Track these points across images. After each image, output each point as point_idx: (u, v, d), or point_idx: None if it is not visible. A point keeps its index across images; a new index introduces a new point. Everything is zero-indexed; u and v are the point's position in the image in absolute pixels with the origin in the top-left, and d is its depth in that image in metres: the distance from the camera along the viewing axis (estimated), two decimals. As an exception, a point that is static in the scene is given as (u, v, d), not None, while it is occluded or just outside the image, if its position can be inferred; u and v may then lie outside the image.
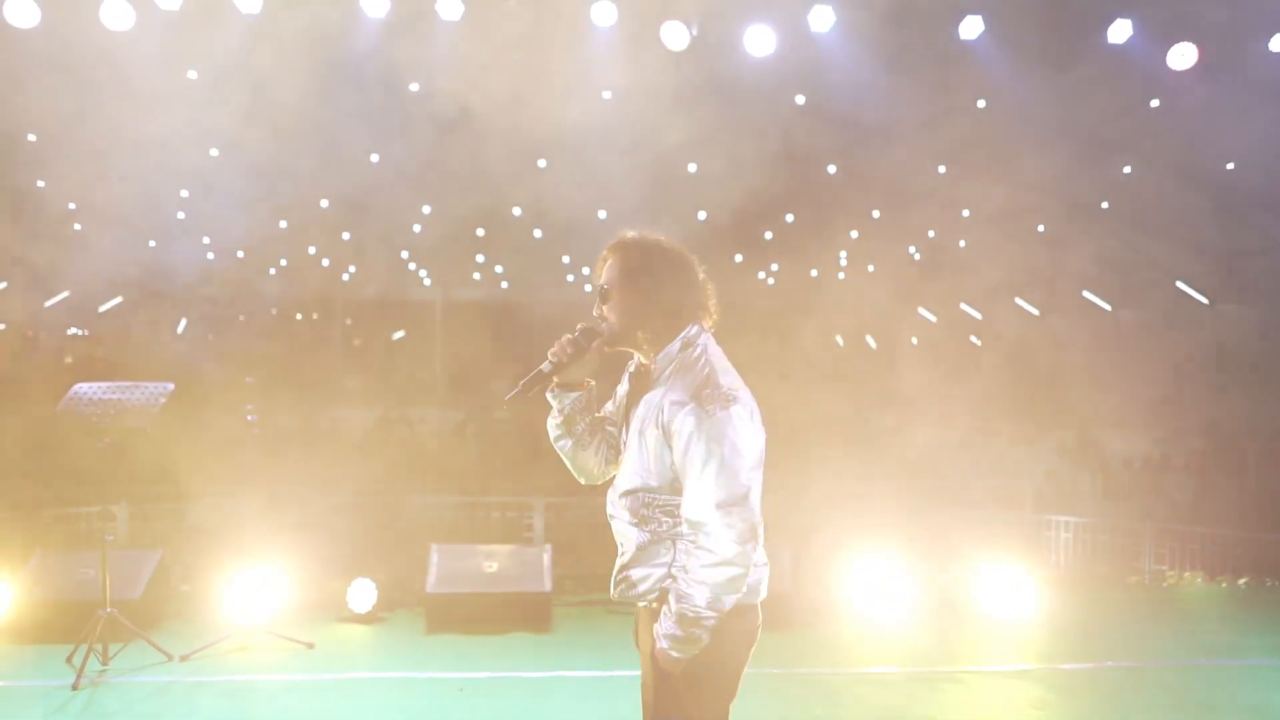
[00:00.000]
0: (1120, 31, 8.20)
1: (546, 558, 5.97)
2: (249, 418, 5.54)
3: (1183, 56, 8.29)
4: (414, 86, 11.87)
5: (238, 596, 5.63)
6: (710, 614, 2.28)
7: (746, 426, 2.33)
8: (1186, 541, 7.19)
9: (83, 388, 4.99)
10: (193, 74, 10.87)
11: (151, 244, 20.78)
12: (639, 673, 2.63)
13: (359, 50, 9.99)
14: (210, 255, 20.42)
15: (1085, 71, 9.62)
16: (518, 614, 5.74)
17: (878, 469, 7.93)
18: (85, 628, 4.91)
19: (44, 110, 10.68)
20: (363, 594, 5.89)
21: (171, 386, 5.05)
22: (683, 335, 2.43)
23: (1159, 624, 6.07)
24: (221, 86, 10.16)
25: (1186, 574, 6.91)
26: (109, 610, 4.94)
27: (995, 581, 6.14)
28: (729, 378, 2.38)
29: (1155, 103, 12.40)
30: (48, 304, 22.66)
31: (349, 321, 25.05)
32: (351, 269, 22.28)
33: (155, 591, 5.79)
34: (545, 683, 4.88)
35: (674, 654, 2.31)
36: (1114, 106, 12.63)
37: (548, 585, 5.84)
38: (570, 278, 26.81)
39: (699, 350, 2.41)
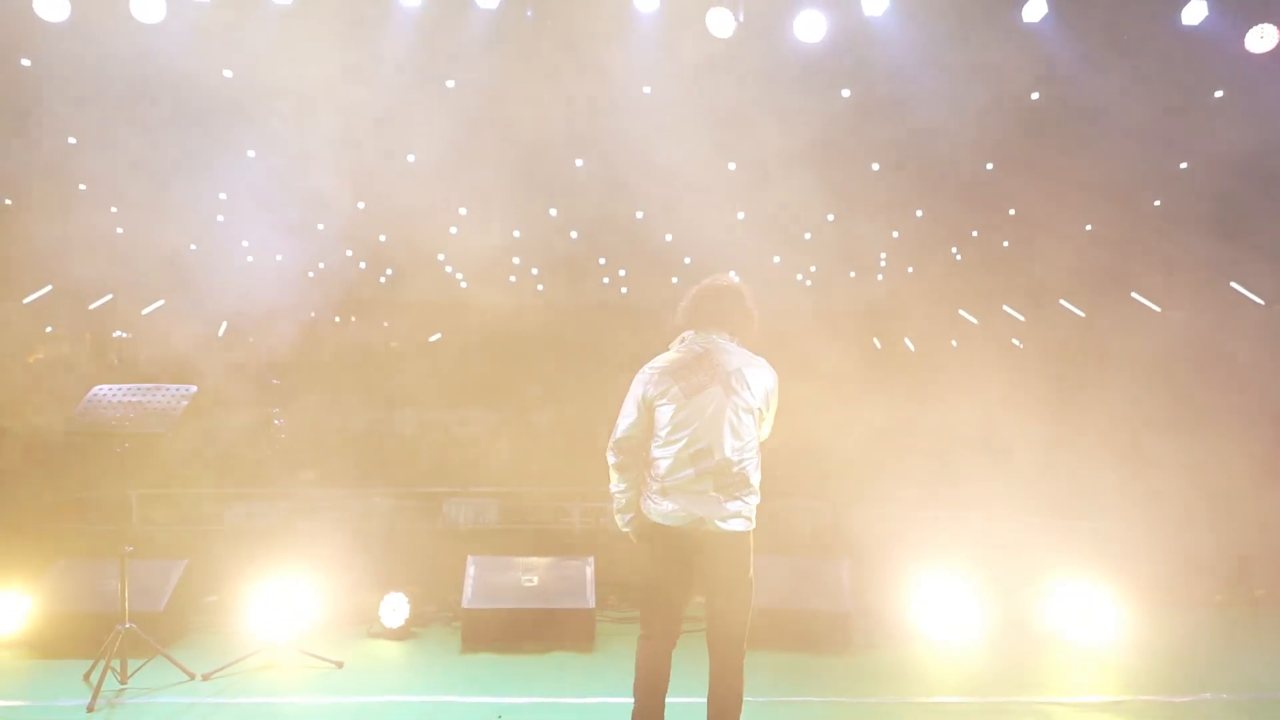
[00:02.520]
0: (1195, 12, 7.71)
1: (589, 570, 5.61)
2: (275, 421, 5.26)
3: (1262, 39, 7.79)
4: (450, 83, 11.65)
5: (265, 609, 5.35)
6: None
7: (634, 382, 3.56)
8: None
9: (102, 390, 4.72)
10: (228, 72, 10.72)
11: (193, 247, 20.79)
12: (688, 699, 3.82)
13: (393, 43, 9.77)
14: (250, 259, 20.36)
15: (1154, 57, 9.12)
16: (559, 631, 5.38)
17: (935, 477, 7.49)
18: (105, 643, 4.65)
19: (80, 113, 10.55)
20: (395, 608, 5.57)
21: (194, 389, 4.77)
22: (679, 338, 3.64)
23: (1254, 649, 5.56)
24: (255, 83, 9.99)
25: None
26: (128, 625, 4.67)
27: (1071, 600, 5.69)
28: (657, 359, 3.58)
29: (1219, 94, 11.84)
30: (92, 306, 22.79)
31: (386, 324, 25.00)
32: (389, 271, 22.16)
33: (179, 603, 5.52)
34: (591, 709, 4.52)
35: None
36: (1178, 96, 12.07)
37: (591, 601, 5.47)
38: (606, 279, 26.47)
39: (675, 344, 3.62)
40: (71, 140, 13.46)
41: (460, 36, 9.56)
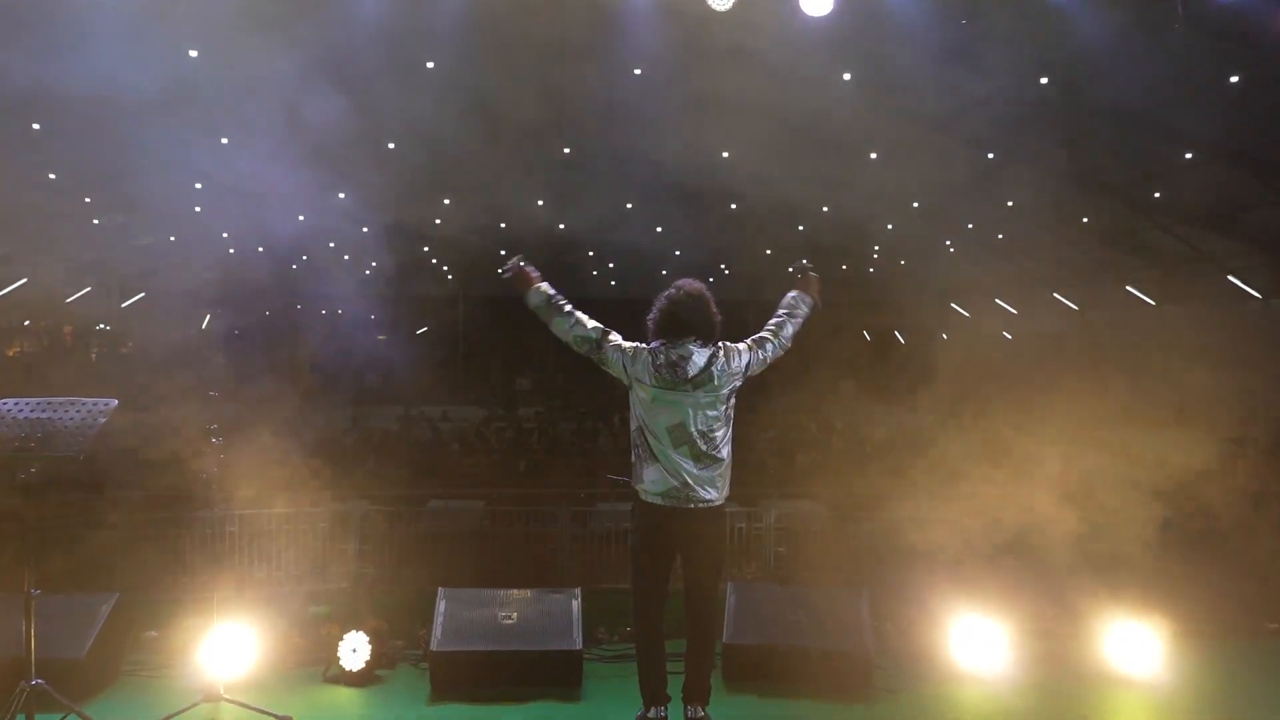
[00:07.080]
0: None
1: (576, 605, 4.94)
2: (214, 440, 4.63)
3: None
4: (430, 64, 11.07)
5: (209, 649, 4.67)
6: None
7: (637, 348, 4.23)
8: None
9: (6, 404, 4.05)
10: (193, 52, 10.13)
11: (172, 239, 20.14)
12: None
13: (370, 25, 9.23)
14: (231, 250, 19.72)
15: (1179, 35, 8.54)
16: (541, 676, 4.73)
17: (960, 499, 6.79)
18: (5, 701, 3.98)
19: (48, 98, 9.89)
20: (356, 649, 4.92)
21: (115, 403, 4.10)
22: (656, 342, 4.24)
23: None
24: (235, 70, 9.42)
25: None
26: (35, 681, 4.00)
27: (1113, 634, 5.08)
28: (646, 347, 4.20)
29: (1234, 79, 11.36)
30: (70, 299, 22.13)
31: (371, 317, 24.43)
32: (372, 264, 21.67)
33: (106, 646, 4.81)
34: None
35: None
36: (1189, 83, 11.54)
37: (578, 641, 4.81)
38: (595, 273, 25.87)
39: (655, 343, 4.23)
40: (36, 126, 12.82)
41: (439, 18, 9.09)
